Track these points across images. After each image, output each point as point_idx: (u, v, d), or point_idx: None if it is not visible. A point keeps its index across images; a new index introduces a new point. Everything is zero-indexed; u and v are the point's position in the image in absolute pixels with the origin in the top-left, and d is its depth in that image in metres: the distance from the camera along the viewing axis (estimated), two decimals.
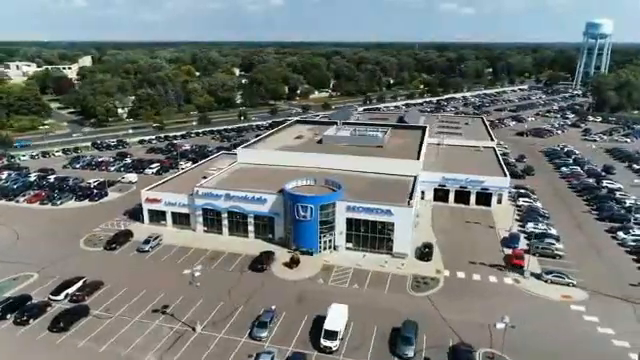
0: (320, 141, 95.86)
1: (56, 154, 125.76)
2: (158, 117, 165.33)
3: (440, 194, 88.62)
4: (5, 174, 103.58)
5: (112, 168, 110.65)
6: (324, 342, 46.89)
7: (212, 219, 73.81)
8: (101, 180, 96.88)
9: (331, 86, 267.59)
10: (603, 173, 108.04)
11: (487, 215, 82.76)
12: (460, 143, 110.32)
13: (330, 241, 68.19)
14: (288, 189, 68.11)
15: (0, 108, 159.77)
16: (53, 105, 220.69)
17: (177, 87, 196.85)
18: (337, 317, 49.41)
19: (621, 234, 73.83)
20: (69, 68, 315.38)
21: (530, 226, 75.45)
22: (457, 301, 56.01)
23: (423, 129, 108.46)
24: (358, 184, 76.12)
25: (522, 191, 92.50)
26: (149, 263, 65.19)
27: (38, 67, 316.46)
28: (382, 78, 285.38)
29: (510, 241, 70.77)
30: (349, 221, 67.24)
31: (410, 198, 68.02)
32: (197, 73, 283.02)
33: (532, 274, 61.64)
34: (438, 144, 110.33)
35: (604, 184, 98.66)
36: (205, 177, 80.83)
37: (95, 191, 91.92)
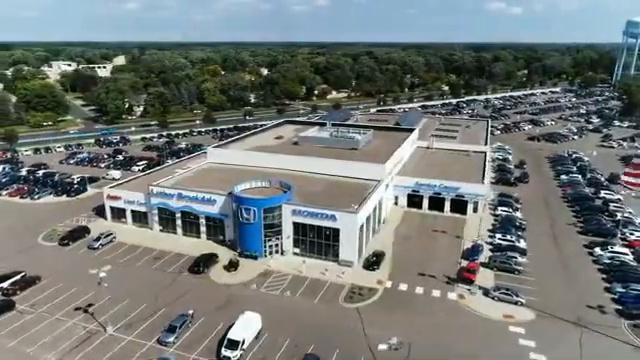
0: (296, 142, 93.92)
1: (57, 150, 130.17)
2: (162, 116, 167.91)
3: (414, 200, 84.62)
4: (0, 168, 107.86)
5: (102, 165, 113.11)
6: (224, 352, 45.10)
7: (167, 218, 73.51)
8: (82, 176, 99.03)
9: (352, 86, 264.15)
10: (606, 182, 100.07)
11: (458, 224, 78.13)
12: (450, 147, 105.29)
13: (277, 245, 66.25)
14: (235, 191, 66.62)
15: (20, 104, 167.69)
16: (78, 102, 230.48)
17: (191, 86, 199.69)
18: (245, 326, 47.49)
19: (597, 250, 67.65)
20: (104, 67, 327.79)
21: (498, 237, 70.57)
22: (386, 316, 52.72)
23: (411, 131, 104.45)
24: (317, 187, 73.86)
25: (505, 199, 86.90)
26: (93, 260, 65.38)
27: (78, 66, 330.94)
28: (404, 79, 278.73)
29: (470, 253, 66.36)
30: (296, 225, 65.03)
31: (361, 204, 64.84)
32: (223, 72, 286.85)
33: (482, 289, 57.41)
34: (427, 147, 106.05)
35: (602, 194, 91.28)
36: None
37: (76, 187, 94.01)
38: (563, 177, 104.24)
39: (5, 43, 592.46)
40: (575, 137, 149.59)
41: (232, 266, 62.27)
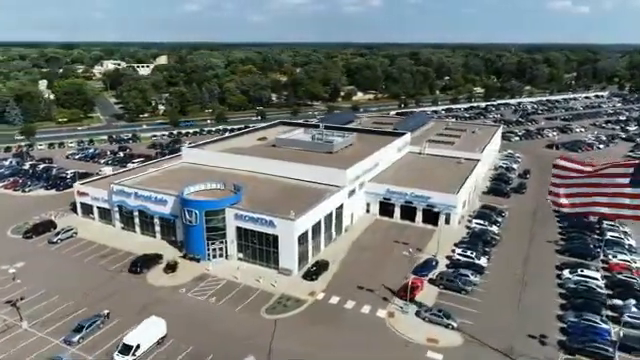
0: (275, 145, 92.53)
1: (70, 145, 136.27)
2: (179, 114, 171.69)
3: (388, 208, 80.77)
4: (8, 161, 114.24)
5: (102, 161, 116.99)
6: (115, 356, 44.54)
7: (127, 217, 74.46)
8: (75, 172, 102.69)
9: (380, 88, 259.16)
10: None
11: (426, 236, 73.62)
12: (442, 153, 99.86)
13: (221, 249, 65.18)
14: (184, 192, 66.17)
15: (50, 101, 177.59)
16: (113, 100, 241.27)
17: (213, 86, 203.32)
18: (144, 331, 46.72)
19: (566, 273, 61.33)
20: (146, 66, 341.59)
21: (457, 253, 65.78)
22: (302, 330, 50.24)
23: (401, 136, 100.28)
24: (276, 191, 72.19)
25: (485, 212, 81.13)
26: (46, 254, 67.29)
27: (125, 65, 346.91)
28: (435, 81, 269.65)
29: (421, 268, 62.23)
30: (239, 230, 63.66)
31: (302, 211, 62.33)
32: (259, 72, 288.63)
33: (420, 307, 53.50)
34: (419, 153, 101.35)
35: None
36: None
37: (68, 181, 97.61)
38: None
39: (72, 43, 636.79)
40: (601, 146, 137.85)
41: (169, 268, 61.88)
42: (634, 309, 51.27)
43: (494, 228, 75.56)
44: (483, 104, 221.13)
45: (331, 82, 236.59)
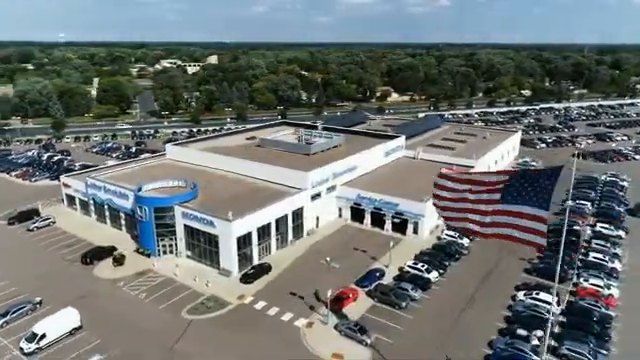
0: (259, 145, 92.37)
1: (94, 139, 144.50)
2: (205, 111, 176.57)
3: (359, 214, 78.00)
4: (31, 152, 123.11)
5: (114, 155, 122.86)
6: (21, 343, 46.42)
7: (99, 209, 77.54)
8: (83, 164, 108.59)
9: (416, 89, 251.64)
10: (622, 214, 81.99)
11: (389, 245, 70.18)
12: (437, 159, 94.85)
13: (171, 246, 66.05)
14: (141, 188, 67.73)
15: (90, 98, 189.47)
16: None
17: (242, 85, 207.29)
18: (55, 321, 48.25)
19: (520, 295, 55.96)
20: (194, 65, 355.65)
21: (407, 265, 62.12)
22: (213, 333, 49.63)
23: (392, 139, 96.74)
24: (237, 190, 72.10)
25: None
26: (18, 240, 71.62)
27: (180, 64, 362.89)
28: (477, 83, 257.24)
29: (363, 279, 59.37)
30: (187, 228, 64.15)
31: (246, 213, 61.59)
32: (303, 72, 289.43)
33: (340, 319, 51.08)
34: (413, 157, 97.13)
35: (597, 228, 75.19)
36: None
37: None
38: (569, 203, 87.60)
39: (144, 43, 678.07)
40: (637, 157, 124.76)
41: (116, 261, 63.55)
42: (536, 341, 46.29)
43: (465, 241, 70.51)
44: (524, 108, 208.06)
45: (364, 82, 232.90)
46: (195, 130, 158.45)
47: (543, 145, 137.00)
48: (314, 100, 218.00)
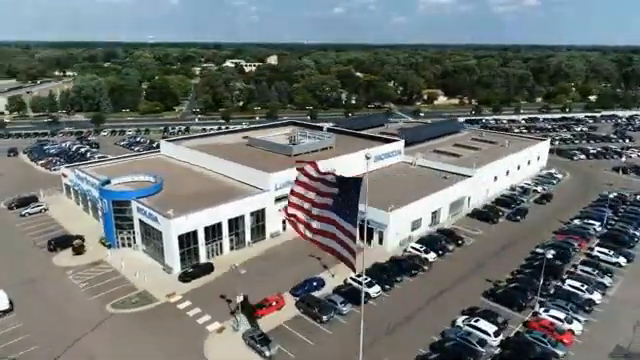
0: (249, 144, 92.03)
1: (128, 133, 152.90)
2: (228, 111, 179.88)
3: None
4: (65, 143, 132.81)
5: (135, 148, 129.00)
6: None
7: (84, 200, 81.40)
8: (102, 155, 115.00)
9: (466, 93, 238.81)
10: (636, 241, 71.30)
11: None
12: (435, 166, 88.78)
13: (129, 239, 67.58)
14: (109, 181, 70.05)
15: (137, 93, 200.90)
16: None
17: (281, 85, 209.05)
18: None
19: (459, 320, 50.34)
20: (252, 65, 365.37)
21: (350, 277, 58.35)
22: (125, 329, 49.92)
23: (389, 142, 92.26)
24: (205, 188, 72.19)
25: (435, 236, 70.34)
26: (6, 224, 76.96)
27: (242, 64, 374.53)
28: (535, 87, 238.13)
29: (299, 287, 56.71)
30: (142, 222, 65.25)
31: (190, 211, 61.30)
32: (358, 73, 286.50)
33: (252, 327, 49.09)
34: (411, 163, 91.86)
35: (595, 252, 65.93)
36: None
37: None
38: (575, 222, 78.09)
39: (220, 43, 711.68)
40: None
41: (74, 250, 66.12)
42: None
43: (431, 255, 64.95)
44: (581, 115, 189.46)
45: (409, 84, 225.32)
46: (225, 127, 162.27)
47: (582, 156, 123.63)
48: (353, 101, 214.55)
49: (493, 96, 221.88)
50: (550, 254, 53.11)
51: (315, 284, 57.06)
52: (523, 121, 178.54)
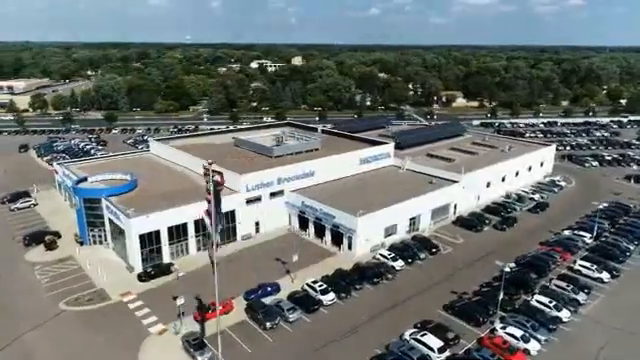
0: (236, 145, 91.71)
1: (138, 131, 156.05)
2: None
3: (306, 223, 73.50)
4: (74, 140, 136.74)
5: (139, 147, 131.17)
6: None
7: (69, 195, 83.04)
8: (103, 154, 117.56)
9: (486, 95, 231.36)
10: (628, 255, 66.42)
11: (319, 257, 65.06)
12: (424, 170, 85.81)
13: (100, 236, 68.35)
14: (86, 178, 71.19)
15: (153, 93, 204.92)
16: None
17: (295, 86, 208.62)
18: None
19: (407, 334, 47.88)
20: (273, 66, 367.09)
21: (307, 283, 56.80)
22: (69, 327, 50.23)
23: (376, 143, 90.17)
24: (180, 188, 72.24)
25: (407, 244, 67.82)
26: None
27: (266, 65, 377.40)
28: (560, 89, 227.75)
29: (252, 291, 55.63)
30: (110, 221, 65.84)
31: (151, 211, 61.25)
32: (382, 74, 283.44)
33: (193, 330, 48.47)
34: (399, 167, 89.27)
35: (577, 266, 61.75)
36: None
37: None
38: (565, 232, 73.60)
39: (252, 44, 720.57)
40: None
41: (46, 246, 67.36)
42: None
43: (398, 263, 62.50)
44: (606, 119, 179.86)
45: (425, 86, 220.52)
46: (230, 127, 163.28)
47: (595, 163, 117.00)
48: (368, 103, 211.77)
49: (514, 98, 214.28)
50: (508, 267, 49.76)
51: (269, 289, 55.83)
52: (542, 125, 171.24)
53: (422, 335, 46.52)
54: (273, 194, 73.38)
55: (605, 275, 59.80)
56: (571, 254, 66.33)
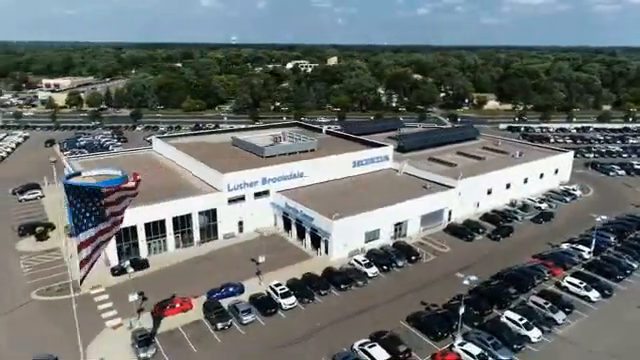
0: (234, 144, 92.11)
1: (161, 128, 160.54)
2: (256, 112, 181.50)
3: (289, 224, 72.70)
4: (97, 137, 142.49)
5: None
6: None
7: None
8: (118, 150, 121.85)
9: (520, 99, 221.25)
10: (628, 274, 61.11)
11: (294, 260, 64.12)
12: (421, 175, 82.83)
13: None
14: (72, 173, 73.82)
15: (182, 91, 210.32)
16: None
17: (321, 86, 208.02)
18: None
19: (356, 345, 46.02)
20: (308, 66, 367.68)
21: (270, 285, 55.85)
22: (29, 317, 52.07)
23: (375, 146, 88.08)
24: (166, 184, 73.52)
25: (381, 251, 65.43)
26: (2, 207, 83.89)
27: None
28: (601, 94, 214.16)
29: (215, 290, 55.42)
30: None
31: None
32: (417, 75, 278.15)
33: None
34: (396, 171, 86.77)
35: (564, 283, 57.45)
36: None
37: None
38: (563, 246, 68.69)
39: (295, 44, 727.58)
40: None
41: (36, 237, 70.17)
42: None
43: (371, 270, 60.43)
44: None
45: (454, 87, 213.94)
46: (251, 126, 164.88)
47: (621, 172, 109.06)
48: (393, 104, 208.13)
49: (551, 102, 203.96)
50: (467, 280, 46.64)
51: (232, 289, 55.47)
52: (574, 130, 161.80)
53: (370, 346, 44.61)
54: (258, 194, 73.02)
55: (594, 294, 55.23)
56: (564, 269, 61.89)
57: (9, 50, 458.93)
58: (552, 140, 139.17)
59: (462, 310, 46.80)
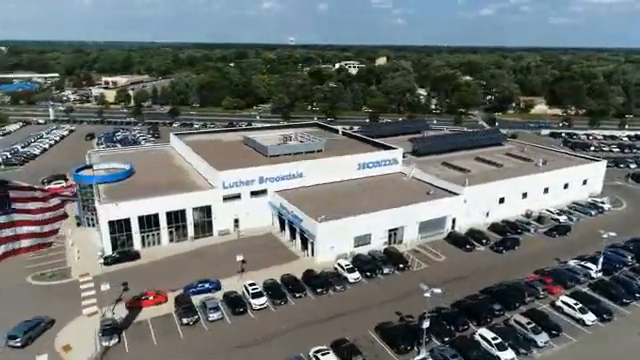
0: (245, 142, 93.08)
1: (195, 126, 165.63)
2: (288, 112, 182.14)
3: (284, 224, 72.47)
4: (133, 132, 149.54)
5: None
6: None
7: None
8: (147, 144, 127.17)
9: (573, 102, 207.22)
10: (633, 296, 55.42)
11: (279, 260, 63.92)
12: (430, 180, 79.70)
13: (92, 219, 73.72)
14: (82, 166, 77.83)
15: (220, 90, 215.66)
16: None
17: (357, 88, 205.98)
18: None
19: (311, 351, 44.81)
20: (354, 66, 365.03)
21: (244, 285, 55.79)
22: (13, 298, 55.10)
23: (381, 146, 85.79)
24: (170, 180, 75.87)
25: (381, 256, 63.24)
26: None
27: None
28: None
29: (191, 286, 56.17)
30: None
31: (123, 200, 64.66)
32: (468, 77, 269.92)
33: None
34: (405, 175, 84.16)
35: (558, 303, 52.89)
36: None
37: None
38: (571, 263, 63.38)
39: (349, 46, 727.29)
40: None
41: None
42: None
43: (353, 276, 58.78)
44: None
45: (497, 89, 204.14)
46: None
47: None
48: (432, 106, 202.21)
49: (605, 107, 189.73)
50: (429, 293, 43.90)
51: (208, 285, 56.01)
52: (626, 138, 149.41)
53: (323, 354, 43.36)
54: (255, 193, 73.31)
55: (589, 317, 50.52)
56: (564, 287, 57.14)
57: (79, 49, 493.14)
58: (592, 148, 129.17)
59: (426, 324, 44.28)
